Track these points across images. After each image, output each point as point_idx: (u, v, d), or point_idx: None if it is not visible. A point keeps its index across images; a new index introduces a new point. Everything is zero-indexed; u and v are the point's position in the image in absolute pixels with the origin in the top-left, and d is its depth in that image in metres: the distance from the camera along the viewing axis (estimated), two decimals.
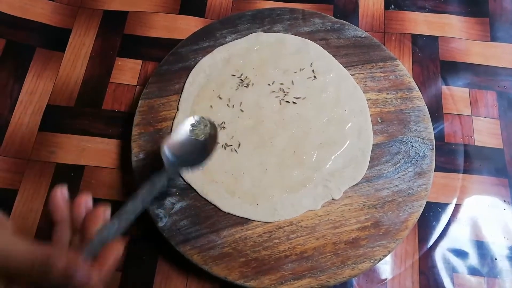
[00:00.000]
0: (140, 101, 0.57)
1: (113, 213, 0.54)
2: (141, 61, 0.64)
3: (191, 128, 0.48)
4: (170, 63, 0.59)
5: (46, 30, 0.66)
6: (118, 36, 0.65)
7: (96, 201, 0.55)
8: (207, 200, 0.51)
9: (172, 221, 0.50)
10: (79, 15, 0.67)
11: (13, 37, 0.65)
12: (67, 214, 0.36)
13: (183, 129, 0.48)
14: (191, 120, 0.49)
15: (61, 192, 0.37)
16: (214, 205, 0.51)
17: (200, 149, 0.48)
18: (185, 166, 0.46)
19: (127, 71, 0.63)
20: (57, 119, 0.60)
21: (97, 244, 0.35)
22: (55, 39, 0.65)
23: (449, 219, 0.54)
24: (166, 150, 0.46)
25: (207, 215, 0.51)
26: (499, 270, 0.52)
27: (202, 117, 0.49)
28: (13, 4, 0.67)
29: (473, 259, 0.53)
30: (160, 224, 0.50)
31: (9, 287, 0.32)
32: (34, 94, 0.61)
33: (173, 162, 0.45)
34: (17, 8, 0.67)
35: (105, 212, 0.37)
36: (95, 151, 0.58)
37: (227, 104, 0.56)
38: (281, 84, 0.57)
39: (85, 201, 0.37)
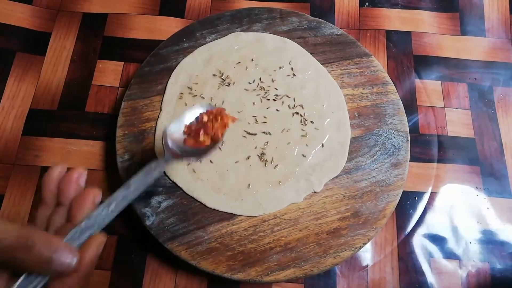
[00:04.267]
0: (123, 103, 0.58)
1: None
2: (123, 62, 0.64)
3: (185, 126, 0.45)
4: (151, 64, 0.60)
5: (26, 34, 0.66)
6: (99, 38, 0.66)
7: None
8: (193, 198, 0.53)
9: (159, 219, 0.52)
10: (59, 18, 0.67)
11: None
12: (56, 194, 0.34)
13: (186, 118, 0.45)
14: (197, 111, 0.45)
15: (58, 173, 0.34)
16: (200, 202, 0.53)
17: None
18: (185, 155, 0.43)
19: (109, 73, 0.64)
20: (40, 123, 0.60)
21: (82, 231, 0.32)
22: (35, 43, 0.65)
23: (425, 206, 0.57)
24: (168, 138, 0.43)
25: (193, 212, 0.52)
26: (473, 253, 0.55)
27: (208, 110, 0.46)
28: None
29: (449, 244, 0.55)
30: (148, 223, 0.51)
31: None
32: (16, 98, 0.61)
33: (172, 150, 0.42)
34: None
35: (95, 197, 0.34)
36: (80, 154, 0.58)
37: (210, 103, 0.57)
38: (262, 82, 0.59)
39: (78, 178, 0.34)
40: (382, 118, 0.57)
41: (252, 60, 0.60)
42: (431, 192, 0.58)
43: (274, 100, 0.58)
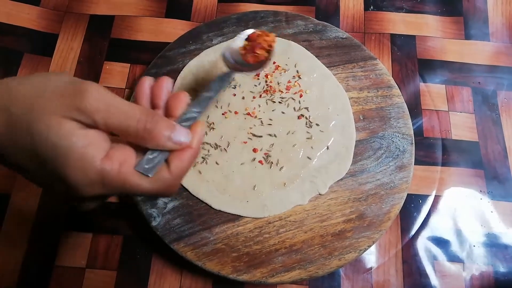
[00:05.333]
0: None
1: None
2: (129, 64, 0.65)
3: (242, 45, 0.51)
4: (158, 66, 0.61)
5: (33, 35, 0.66)
6: (105, 40, 0.67)
7: None
8: (199, 199, 0.53)
9: (165, 220, 0.52)
10: (66, 20, 0.68)
11: (0, 43, 0.65)
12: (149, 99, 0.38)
13: (238, 40, 0.52)
14: (246, 33, 0.52)
15: (149, 81, 0.38)
16: (206, 203, 0.53)
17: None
18: (242, 69, 0.50)
19: (116, 75, 0.64)
20: None
21: (183, 121, 0.36)
22: (43, 44, 0.66)
23: (429, 209, 0.57)
24: (226, 54, 0.50)
25: (199, 213, 0.53)
26: (477, 256, 0.55)
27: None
28: None
29: (453, 247, 0.56)
30: (154, 223, 0.52)
31: (113, 146, 0.33)
32: None
33: (232, 64, 0.49)
34: (2, 14, 0.67)
35: (185, 96, 0.37)
36: None
37: (216, 106, 0.58)
38: (267, 84, 0.59)
39: (167, 83, 0.38)
40: (387, 121, 0.58)
41: None
42: (435, 195, 0.58)
43: (279, 102, 0.58)
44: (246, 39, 0.52)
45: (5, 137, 0.31)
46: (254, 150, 0.55)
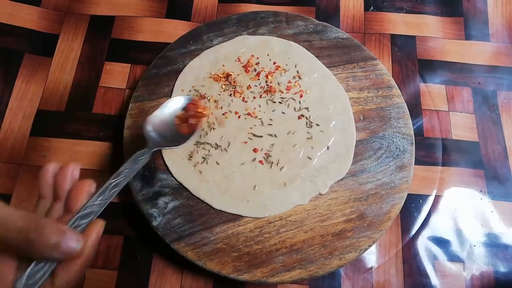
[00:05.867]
0: (130, 104, 0.58)
1: None
2: (130, 64, 0.65)
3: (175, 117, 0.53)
4: (158, 67, 0.61)
5: (34, 36, 0.66)
6: (106, 40, 0.67)
7: None
8: (200, 199, 0.53)
9: (166, 220, 0.52)
10: (67, 20, 0.68)
11: (0, 43, 0.65)
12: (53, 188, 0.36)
13: (167, 111, 0.53)
14: (178, 104, 0.54)
15: (53, 168, 0.36)
16: (207, 203, 0.53)
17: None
18: (165, 145, 0.49)
19: (116, 75, 0.64)
20: (48, 123, 0.61)
21: (81, 218, 0.34)
22: (43, 45, 0.66)
23: (430, 209, 0.57)
24: (149, 128, 0.49)
25: (200, 213, 0.53)
26: (477, 256, 0.55)
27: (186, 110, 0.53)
28: None
29: (453, 247, 0.56)
30: (154, 223, 0.52)
31: None
32: (24, 99, 0.62)
33: (154, 139, 0.48)
34: (3, 14, 0.67)
35: (90, 187, 0.36)
36: (87, 154, 0.59)
37: (216, 106, 0.58)
38: (267, 85, 0.59)
39: (72, 171, 0.36)
40: (387, 121, 0.58)
41: (258, 63, 0.61)
42: (435, 195, 0.58)
43: (280, 102, 0.58)
44: (183, 109, 0.53)
45: None
46: (255, 150, 0.56)
